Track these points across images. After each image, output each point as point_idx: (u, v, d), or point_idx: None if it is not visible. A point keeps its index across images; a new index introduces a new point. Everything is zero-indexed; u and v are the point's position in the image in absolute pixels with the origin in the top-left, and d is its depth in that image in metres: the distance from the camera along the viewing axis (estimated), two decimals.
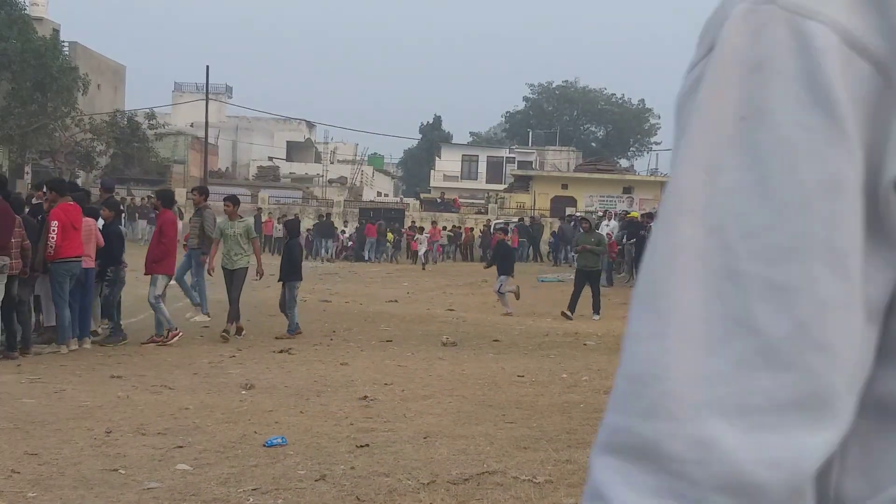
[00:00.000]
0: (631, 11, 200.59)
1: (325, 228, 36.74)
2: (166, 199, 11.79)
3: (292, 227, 12.95)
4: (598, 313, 15.90)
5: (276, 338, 11.55)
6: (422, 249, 33.05)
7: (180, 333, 10.99)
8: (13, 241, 9.23)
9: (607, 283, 23.12)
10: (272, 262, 34.88)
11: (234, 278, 11.72)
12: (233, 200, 12.15)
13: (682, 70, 0.70)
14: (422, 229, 35.49)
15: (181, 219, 35.22)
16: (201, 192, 12.79)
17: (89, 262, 10.48)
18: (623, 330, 0.65)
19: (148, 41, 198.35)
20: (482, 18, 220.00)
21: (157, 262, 10.91)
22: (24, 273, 9.51)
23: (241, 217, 12.72)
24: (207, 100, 48.33)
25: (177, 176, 50.39)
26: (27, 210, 10.97)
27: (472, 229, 39.89)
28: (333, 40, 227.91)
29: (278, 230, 38.70)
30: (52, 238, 9.71)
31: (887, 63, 0.63)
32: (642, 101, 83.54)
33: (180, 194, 43.15)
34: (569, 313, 15.63)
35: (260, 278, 12.32)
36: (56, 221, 9.80)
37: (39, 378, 8.24)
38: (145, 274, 11.09)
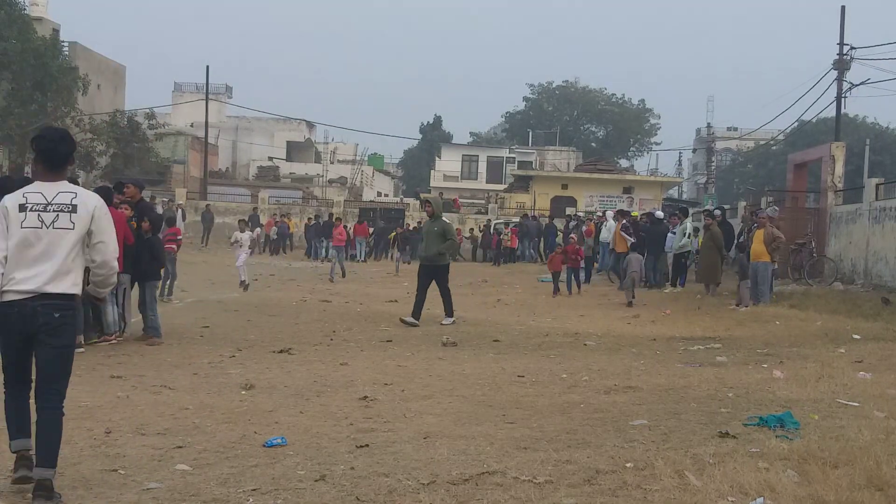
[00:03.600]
0: (631, 11, 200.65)
1: (321, 228, 36.62)
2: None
3: (156, 221, 11.74)
4: (452, 315, 13.60)
5: (136, 339, 10.69)
6: (240, 258, 19.81)
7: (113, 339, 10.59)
8: None
9: (585, 279, 21.15)
10: (270, 263, 34.62)
11: None
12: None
13: (682, 70, 0.70)
14: (245, 227, 21.66)
15: (184, 219, 35.46)
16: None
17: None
18: (623, 330, 0.65)
19: (148, 41, 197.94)
20: (482, 18, 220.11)
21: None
22: None
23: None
24: (207, 100, 48.32)
25: (177, 176, 50.41)
26: None
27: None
28: (334, 40, 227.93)
29: (274, 231, 38.73)
30: None
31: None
32: (642, 101, 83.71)
33: (180, 194, 43.24)
34: (411, 320, 13.21)
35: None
36: None
37: None
38: None
